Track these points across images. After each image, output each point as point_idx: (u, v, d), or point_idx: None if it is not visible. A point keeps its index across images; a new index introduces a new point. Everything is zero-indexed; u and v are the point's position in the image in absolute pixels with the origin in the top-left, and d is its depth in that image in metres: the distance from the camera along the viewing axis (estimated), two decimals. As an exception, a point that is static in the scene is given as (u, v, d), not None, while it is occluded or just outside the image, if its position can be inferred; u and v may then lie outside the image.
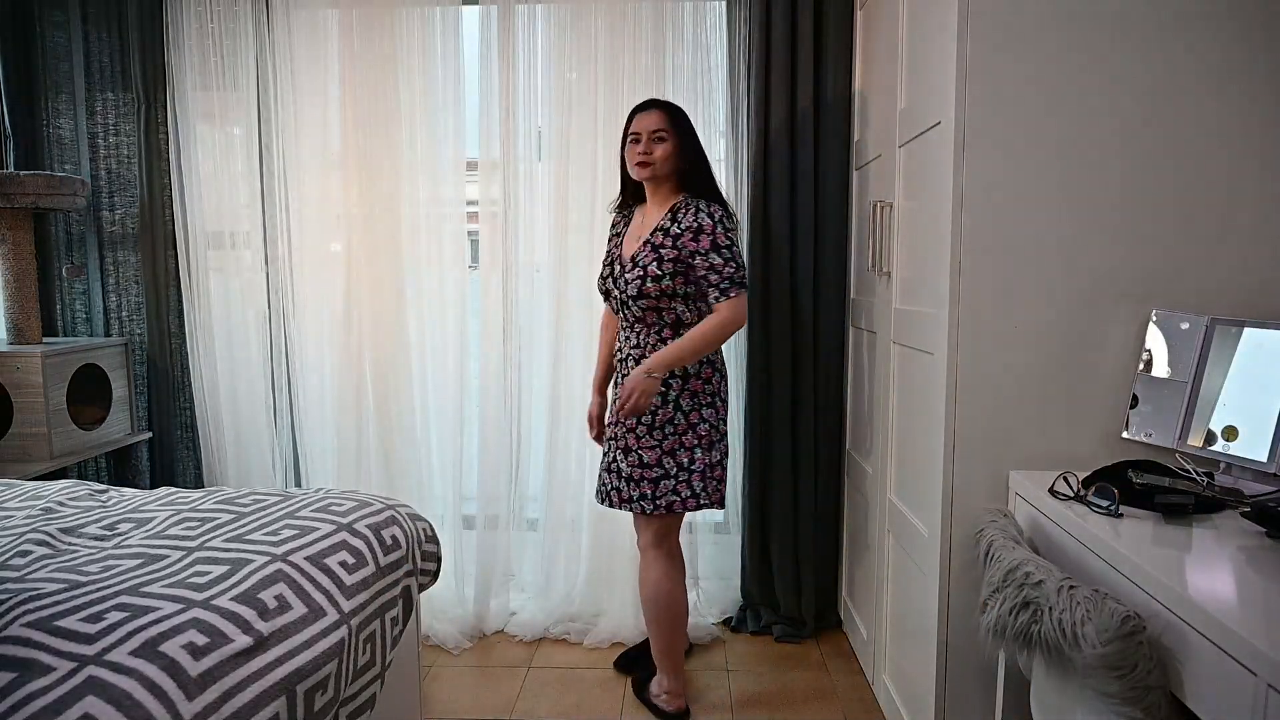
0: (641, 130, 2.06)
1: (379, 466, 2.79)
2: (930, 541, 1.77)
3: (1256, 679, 0.90)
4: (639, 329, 2.10)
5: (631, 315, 2.09)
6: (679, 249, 2.01)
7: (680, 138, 2.08)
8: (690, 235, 2.00)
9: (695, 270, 2.01)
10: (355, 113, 2.70)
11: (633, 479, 2.08)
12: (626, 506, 2.10)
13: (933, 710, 1.76)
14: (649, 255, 2.03)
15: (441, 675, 2.46)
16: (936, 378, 1.73)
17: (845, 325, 2.64)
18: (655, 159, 2.05)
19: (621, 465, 2.09)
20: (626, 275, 2.05)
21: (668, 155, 2.06)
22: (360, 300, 2.75)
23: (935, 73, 1.74)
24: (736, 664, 2.51)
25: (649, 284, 2.02)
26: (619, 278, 2.09)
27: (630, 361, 2.13)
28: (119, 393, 2.78)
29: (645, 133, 2.06)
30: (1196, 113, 1.59)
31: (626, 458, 2.09)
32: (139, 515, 1.74)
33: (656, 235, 2.05)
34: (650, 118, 2.07)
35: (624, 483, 2.09)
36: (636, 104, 2.16)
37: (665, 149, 2.05)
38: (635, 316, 2.09)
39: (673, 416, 2.06)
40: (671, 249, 2.01)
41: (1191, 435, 1.51)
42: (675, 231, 2.02)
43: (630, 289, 2.04)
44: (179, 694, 1.13)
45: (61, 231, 2.89)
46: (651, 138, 2.05)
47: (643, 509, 2.08)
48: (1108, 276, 1.63)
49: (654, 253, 2.03)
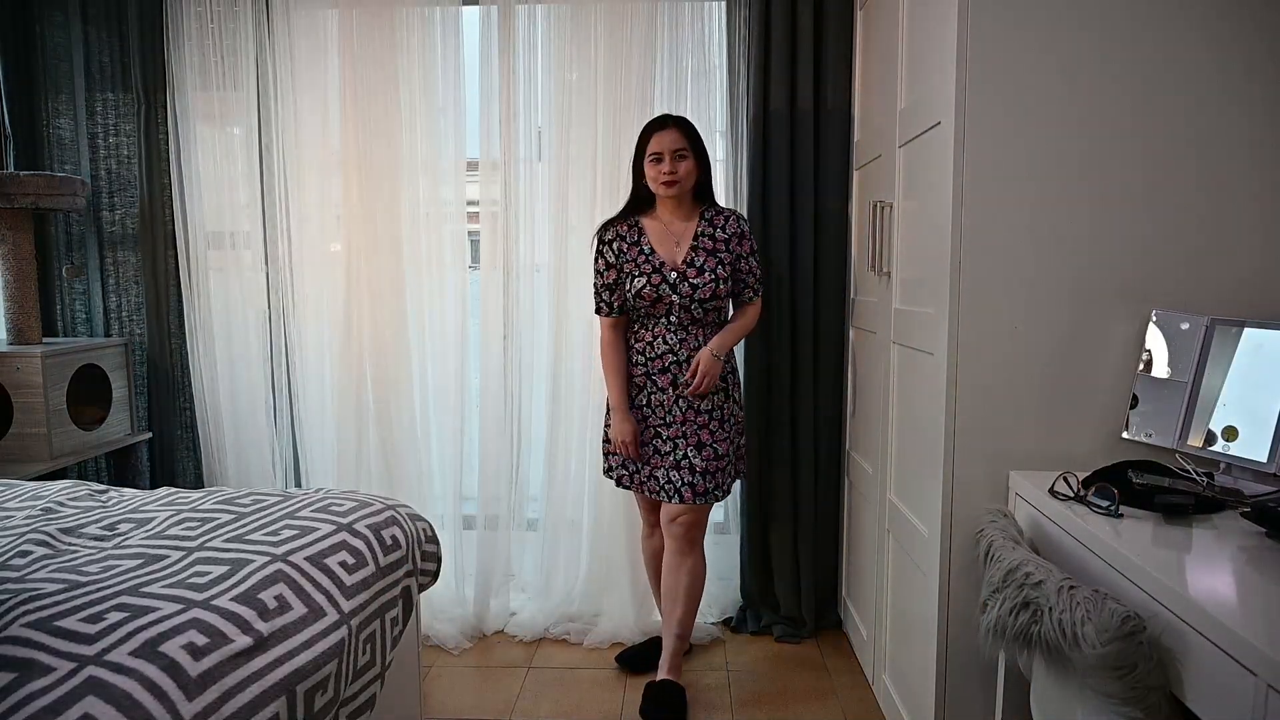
0: (663, 149, 2.15)
1: (379, 466, 2.79)
2: (930, 541, 1.77)
3: (1256, 679, 0.90)
4: (694, 329, 2.20)
5: (689, 317, 2.18)
6: (730, 252, 2.20)
7: (698, 153, 2.21)
8: (737, 240, 2.22)
9: (739, 271, 2.23)
10: (355, 113, 2.70)
11: (709, 472, 2.17)
12: (702, 499, 2.18)
13: (933, 710, 1.76)
14: (711, 261, 2.17)
15: (441, 675, 2.46)
16: (936, 378, 1.73)
17: (845, 325, 2.64)
18: (681, 176, 2.16)
19: (695, 460, 2.17)
20: (693, 280, 2.16)
21: (691, 171, 2.18)
22: (360, 300, 2.75)
23: (935, 73, 1.74)
24: (736, 664, 2.51)
25: (720, 286, 2.17)
26: (678, 284, 2.16)
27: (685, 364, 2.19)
28: (119, 393, 2.78)
29: (667, 152, 2.15)
30: (1197, 113, 1.59)
31: (701, 452, 2.17)
32: (139, 515, 1.74)
33: (704, 241, 2.20)
34: (670, 136, 2.16)
35: (699, 477, 2.17)
36: (651, 121, 2.22)
37: (688, 165, 2.17)
38: (694, 318, 2.19)
39: (733, 410, 2.25)
40: (726, 253, 2.20)
41: (1191, 435, 1.51)
42: (722, 237, 2.20)
43: (703, 292, 2.15)
44: (179, 694, 1.13)
45: (61, 231, 2.89)
46: (674, 156, 2.15)
47: (718, 498, 2.22)
48: (1108, 276, 1.63)
49: (713, 257, 2.18)
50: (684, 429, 2.18)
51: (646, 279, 2.17)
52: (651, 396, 2.22)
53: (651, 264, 2.18)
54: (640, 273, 2.19)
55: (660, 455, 2.21)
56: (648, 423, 2.23)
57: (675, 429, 2.19)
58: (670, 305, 2.17)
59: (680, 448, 2.18)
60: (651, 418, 2.22)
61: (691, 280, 2.15)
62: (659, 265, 2.18)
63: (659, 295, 2.17)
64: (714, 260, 2.17)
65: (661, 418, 2.21)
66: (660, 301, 2.17)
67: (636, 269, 2.20)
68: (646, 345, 2.22)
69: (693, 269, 2.16)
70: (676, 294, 2.16)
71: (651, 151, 2.17)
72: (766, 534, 2.71)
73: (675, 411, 2.19)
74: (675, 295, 2.16)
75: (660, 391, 2.20)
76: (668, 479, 2.19)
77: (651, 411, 2.22)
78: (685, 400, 2.18)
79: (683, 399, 2.18)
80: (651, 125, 2.21)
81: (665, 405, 2.20)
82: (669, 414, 2.20)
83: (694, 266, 2.17)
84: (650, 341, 2.21)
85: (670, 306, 2.18)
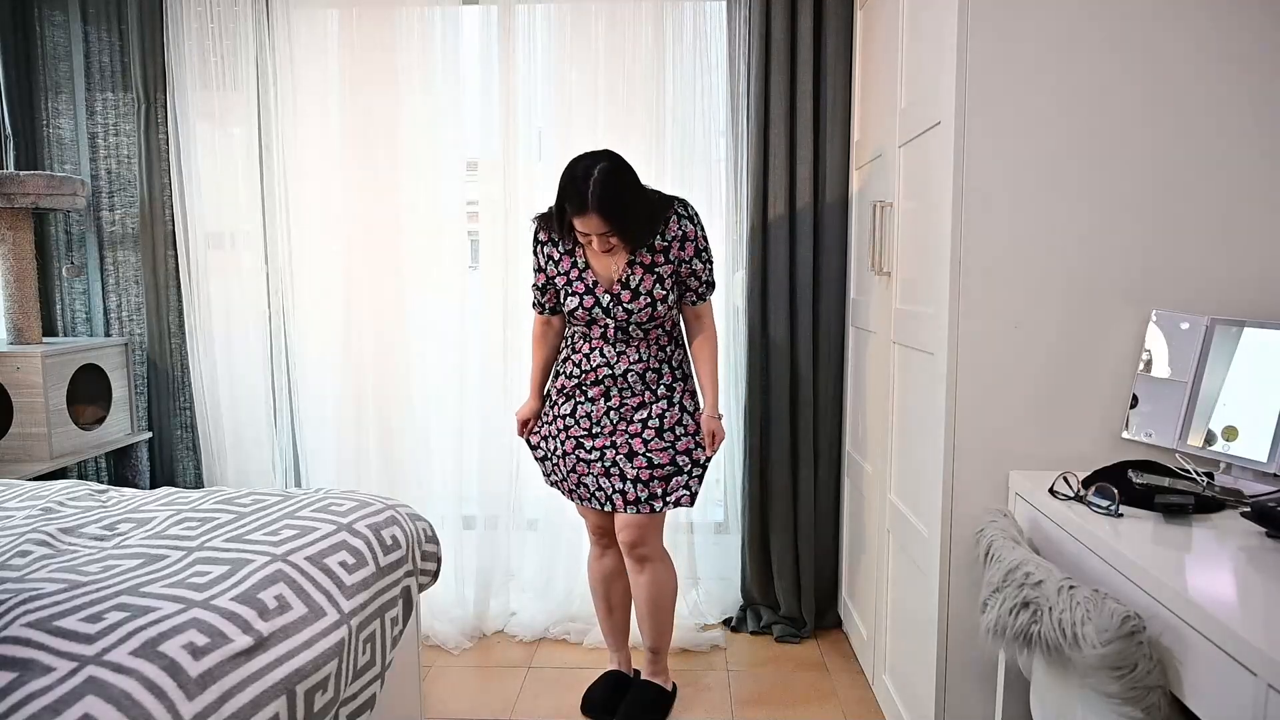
0: (590, 232, 1.92)
1: (379, 466, 2.79)
2: (930, 541, 1.77)
3: (1256, 679, 0.90)
4: (638, 345, 2.08)
5: (626, 335, 2.06)
6: (673, 260, 2.03)
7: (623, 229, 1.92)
8: (679, 244, 2.02)
9: (683, 276, 2.06)
10: (355, 112, 2.70)
11: (640, 480, 2.07)
12: (634, 509, 2.08)
13: (933, 710, 1.76)
14: (649, 279, 2.01)
15: (441, 675, 2.46)
16: (936, 378, 1.73)
17: (845, 325, 2.64)
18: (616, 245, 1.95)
19: (626, 469, 2.08)
20: (627, 305, 2.01)
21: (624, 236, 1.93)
22: (360, 300, 2.75)
23: (935, 73, 1.74)
24: (736, 664, 2.51)
25: (659, 306, 2.02)
26: (612, 307, 2.02)
27: (632, 376, 2.07)
28: (119, 393, 2.78)
29: (595, 234, 1.92)
30: (1197, 113, 1.59)
31: (632, 461, 2.07)
32: (139, 515, 1.74)
33: (642, 255, 2.01)
34: (591, 222, 1.89)
35: (630, 484, 2.08)
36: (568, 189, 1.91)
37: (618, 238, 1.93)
38: (632, 336, 2.07)
39: (680, 418, 2.10)
40: (666, 263, 2.02)
41: (1191, 435, 1.51)
42: (662, 245, 2.01)
43: (639, 315, 2.02)
44: (179, 694, 1.13)
45: (61, 231, 2.89)
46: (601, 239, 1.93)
47: (652, 508, 2.08)
48: (1108, 276, 1.63)
49: (650, 273, 2.01)
50: (614, 439, 2.08)
51: (579, 300, 2.04)
52: (578, 407, 2.11)
53: (585, 283, 2.04)
54: (573, 291, 2.05)
55: (586, 465, 2.11)
56: (569, 433, 2.12)
57: (604, 439, 2.09)
58: (605, 326, 2.06)
59: (608, 457, 2.09)
60: (574, 428, 2.11)
61: (626, 305, 2.01)
62: (592, 285, 2.03)
63: (592, 317, 2.04)
64: (651, 278, 2.01)
65: (587, 429, 2.10)
66: (595, 323, 2.06)
67: (569, 285, 2.06)
68: (583, 358, 2.10)
69: (627, 291, 2.01)
70: (611, 317, 2.03)
71: (579, 230, 1.94)
72: (766, 534, 2.71)
73: (605, 422, 2.09)
74: (609, 319, 2.03)
75: (590, 403, 2.10)
76: (598, 486, 2.11)
77: (575, 423, 2.11)
78: (616, 411, 2.08)
79: (614, 410, 2.08)
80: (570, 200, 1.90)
81: (594, 416, 2.09)
82: (597, 425, 2.09)
83: (629, 289, 2.01)
84: (587, 354, 2.09)
85: (605, 327, 2.06)
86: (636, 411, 2.09)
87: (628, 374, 2.08)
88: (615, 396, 2.09)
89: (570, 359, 2.14)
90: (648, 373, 2.09)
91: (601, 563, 2.28)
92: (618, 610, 2.32)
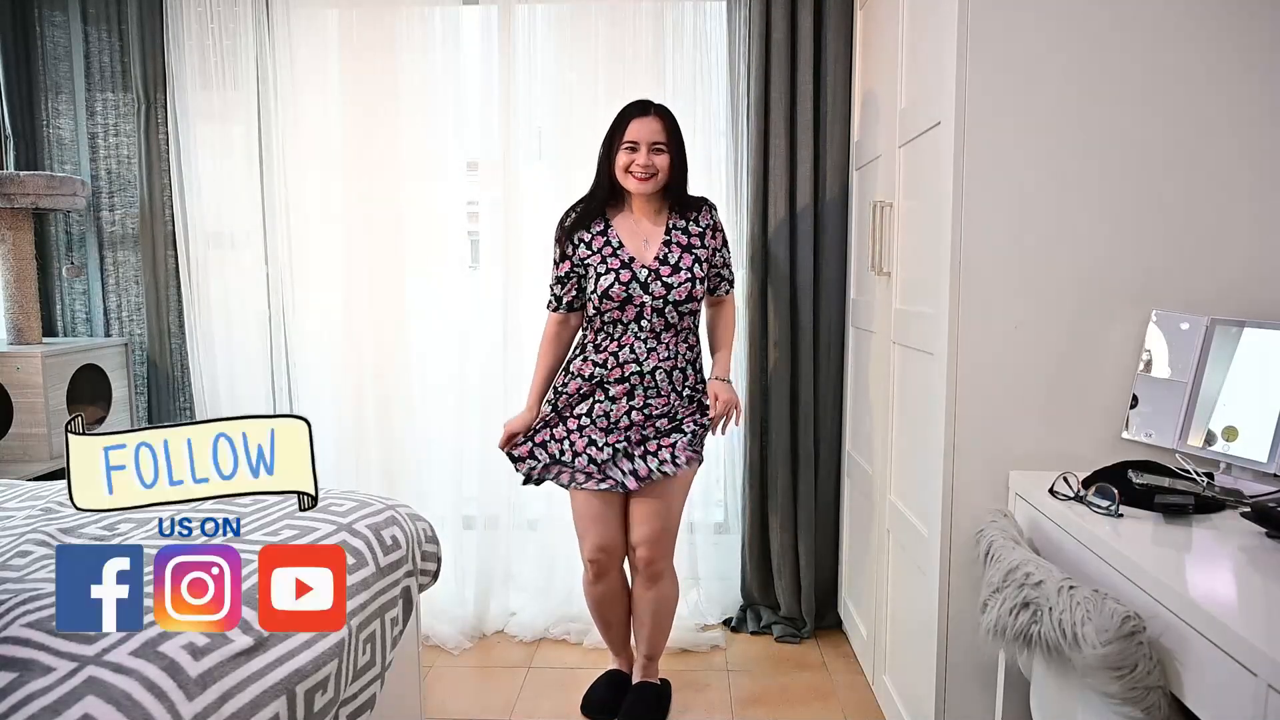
0: (640, 140, 1.96)
1: (379, 466, 2.79)
2: (930, 541, 1.77)
3: (1256, 679, 0.90)
4: (667, 337, 2.01)
5: (661, 323, 2.00)
6: (706, 247, 2.06)
7: (675, 151, 2.01)
8: (711, 233, 2.08)
9: (714, 266, 2.11)
10: (355, 112, 2.70)
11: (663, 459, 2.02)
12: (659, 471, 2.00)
13: (933, 710, 1.76)
14: (687, 257, 2.01)
15: (441, 675, 2.46)
16: (936, 378, 1.72)
17: (845, 325, 2.64)
18: (656, 172, 1.97)
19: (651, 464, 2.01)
20: (667, 279, 1.97)
21: (666, 168, 1.99)
22: (360, 300, 2.75)
23: (935, 73, 1.74)
24: (736, 664, 2.51)
25: (697, 286, 2.01)
26: (650, 283, 1.97)
27: (660, 374, 2.00)
28: (119, 393, 2.78)
29: (644, 143, 1.96)
30: (1196, 112, 1.59)
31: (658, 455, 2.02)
32: (139, 515, 1.74)
33: (678, 235, 2.03)
34: (650, 126, 1.96)
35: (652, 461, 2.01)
36: (630, 104, 2.02)
37: (664, 161, 1.98)
38: (667, 323, 2.00)
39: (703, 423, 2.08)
40: (702, 248, 2.05)
41: (1191, 435, 1.51)
42: (696, 230, 2.06)
43: (678, 292, 1.98)
44: (179, 694, 1.13)
45: (61, 231, 2.89)
46: (651, 149, 1.96)
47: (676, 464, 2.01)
48: (1108, 276, 1.63)
49: (689, 254, 2.02)
50: (628, 434, 2.01)
51: (615, 275, 1.97)
52: (597, 405, 2.02)
53: (620, 259, 1.99)
54: (608, 268, 1.98)
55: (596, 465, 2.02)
56: (584, 433, 2.03)
57: (617, 434, 2.01)
58: (641, 307, 1.98)
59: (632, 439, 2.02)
60: (590, 428, 2.02)
61: (665, 279, 1.97)
62: (628, 261, 1.99)
63: (629, 295, 1.97)
64: (690, 257, 2.00)
65: (604, 428, 2.01)
66: (630, 303, 1.98)
67: (603, 263, 1.99)
68: (609, 356, 2.01)
69: (666, 266, 1.98)
70: (648, 294, 1.97)
71: (627, 140, 1.96)
72: (766, 534, 2.71)
73: (625, 421, 2.00)
74: (647, 296, 1.97)
75: (611, 402, 2.01)
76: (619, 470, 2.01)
77: (593, 422, 2.02)
78: (640, 412, 2.01)
79: (637, 410, 2.00)
80: (630, 110, 1.99)
81: (613, 416, 2.01)
82: (615, 425, 2.01)
83: (668, 264, 1.98)
84: (614, 351, 2.00)
85: (641, 309, 1.98)
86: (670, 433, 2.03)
87: (655, 372, 2.00)
88: (639, 396, 2.01)
89: (589, 359, 2.04)
90: (675, 371, 2.03)
91: (596, 588, 2.17)
92: (616, 625, 2.26)
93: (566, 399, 2.07)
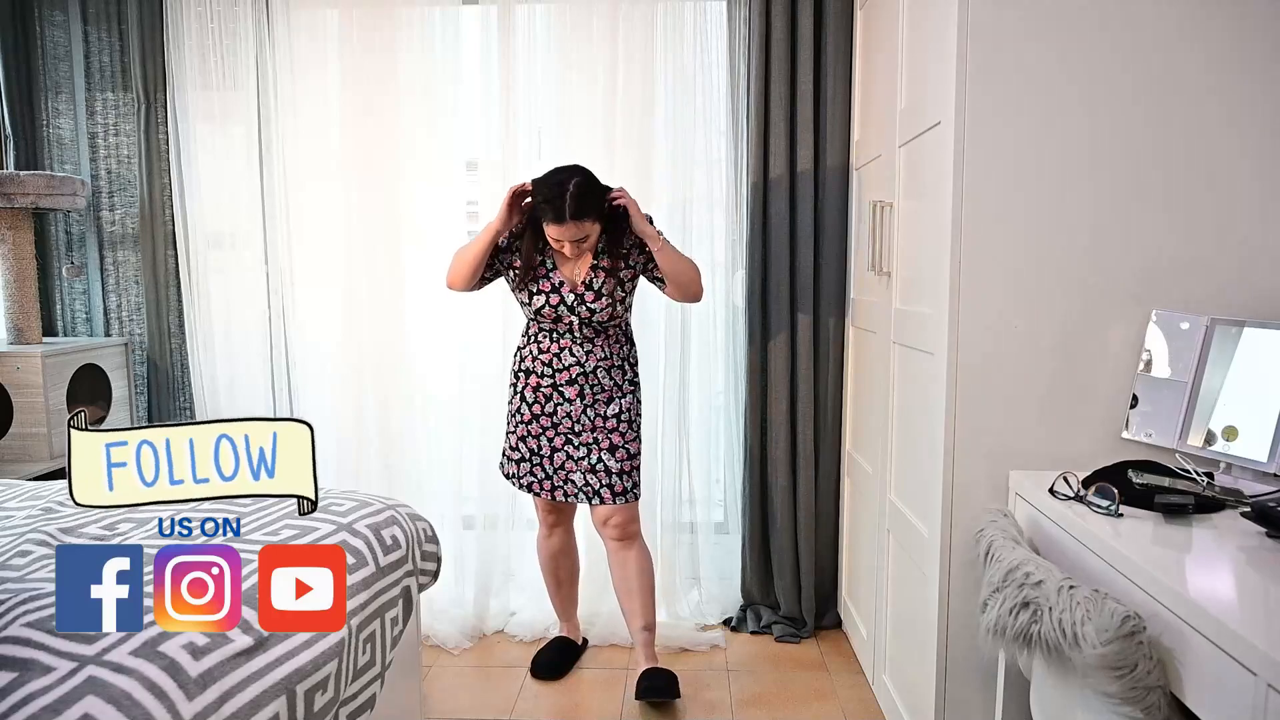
0: (562, 239, 2.04)
1: (379, 466, 2.79)
2: (930, 541, 1.77)
3: (1256, 679, 0.90)
4: (599, 340, 2.21)
5: (592, 330, 2.19)
6: (633, 266, 2.18)
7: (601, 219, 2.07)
8: (638, 250, 2.17)
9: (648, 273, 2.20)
10: (355, 112, 2.69)
11: (624, 472, 2.22)
12: (622, 499, 2.22)
13: (933, 710, 1.76)
14: (610, 282, 2.15)
15: (441, 675, 2.46)
16: (936, 378, 1.73)
17: (845, 325, 2.64)
18: (589, 239, 2.08)
19: (609, 462, 2.21)
20: (590, 304, 2.15)
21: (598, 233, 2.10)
22: (360, 300, 2.75)
23: (935, 73, 1.74)
24: (736, 664, 2.51)
25: (618, 307, 2.17)
26: (576, 306, 2.15)
27: (601, 371, 2.20)
28: (119, 393, 2.78)
29: (568, 242, 2.05)
30: (1196, 112, 1.59)
31: (614, 454, 2.21)
32: (139, 515, 1.74)
33: (604, 260, 2.15)
34: (568, 231, 2.02)
35: (615, 478, 2.21)
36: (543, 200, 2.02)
37: (593, 235, 2.08)
38: (597, 330, 2.20)
39: (640, 410, 2.30)
40: (627, 269, 2.17)
41: (1191, 435, 1.51)
42: (625, 248, 2.16)
43: (600, 315, 2.15)
44: (179, 694, 1.13)
45: (61, 231, 2.89)
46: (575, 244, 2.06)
47: (637, 495, 2.25)
48: (1108, 276, 1.63)
49: (613, 276, 2.15)
50: (594, 435, 2.21)
51: (545, 299, 2.16)
52: (559, 408, 2.22)
53: (551, 282, 2.16)
54: (539, 289, 2.16)
55: (574, 461, 2.23)
56: (558, 430, 2.23)
57: (586, 435, 2.21)
58: (571, 323, 2.18)
59: (594, 452, 2.21)
60: (561, 425, 2.23)
61: (589, 304, 2.14)
62: (558, 285, 2.15)
63: (558, 315, 2.17)
64: (613, 280, 2.14)
65: (570, 427, 2.22)
66: (560, 320, 2.18)
67: (535, 283, 2.17)
68: (553, 357, 2.21)
69: (590, 292, 2.14)
70: (575, 315, 2.16)
71: (551, 236, 2.06)
72: (766, 534, 2.71)
73: (584, 420, 2.21)
74: (574, 316, 2.16)
75: (568, 403, 2.21)
76: (585, 483, 2.22)
77: (559, 422, 2.22)
78: (593, 409, 2.21)
79: (589, 408, 2.20)
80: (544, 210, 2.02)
81: (574, 416, 2.21)
82: (577, 423, 2.22)
83: (591, 290, 2.14)
84: (556, 354, 2.21)
85: (571, 324, 2.18)
86: (608, 406, 2.22)
87: (597, 370, 2.21)
88: (589, 394, 2.21)
89: (539, 358, 2.23)
90: (613, 369, 2.23)
91: (549, 542, 2.41)
92: (566, 584, 2.48)
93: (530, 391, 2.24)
